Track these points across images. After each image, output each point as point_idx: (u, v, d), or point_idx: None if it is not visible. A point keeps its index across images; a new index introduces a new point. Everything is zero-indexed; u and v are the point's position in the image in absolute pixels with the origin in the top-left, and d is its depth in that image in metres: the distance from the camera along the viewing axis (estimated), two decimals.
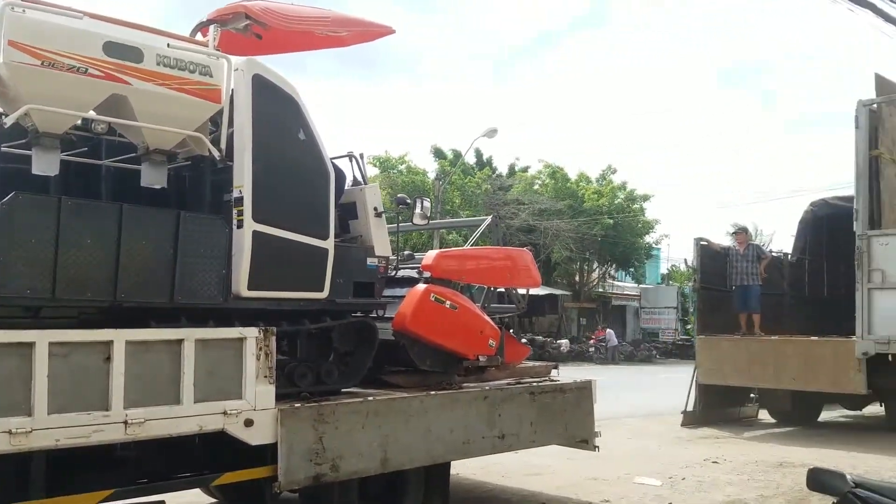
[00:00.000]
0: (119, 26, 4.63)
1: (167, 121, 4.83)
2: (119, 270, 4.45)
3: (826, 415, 13.58)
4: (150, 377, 4.40)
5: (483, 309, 6.78)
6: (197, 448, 4.99)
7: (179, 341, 4.52)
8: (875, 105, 8.80)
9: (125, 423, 4.23)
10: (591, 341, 33.36)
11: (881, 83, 9.11)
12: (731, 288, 12.76)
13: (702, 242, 13.16)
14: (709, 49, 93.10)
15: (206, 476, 4.90)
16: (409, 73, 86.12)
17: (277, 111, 5.33)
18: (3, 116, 4.48)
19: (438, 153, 37.85)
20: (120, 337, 4.25)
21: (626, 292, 45.30)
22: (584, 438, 7.25)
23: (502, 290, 7.42)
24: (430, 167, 37.04)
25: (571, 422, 7.10)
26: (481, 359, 6.58)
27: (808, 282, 15.06)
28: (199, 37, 5.67)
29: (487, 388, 6.51)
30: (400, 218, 6.62)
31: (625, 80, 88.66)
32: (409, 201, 6.49)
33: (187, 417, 4.52)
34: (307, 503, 5.36)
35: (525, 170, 39.24)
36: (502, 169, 39.15)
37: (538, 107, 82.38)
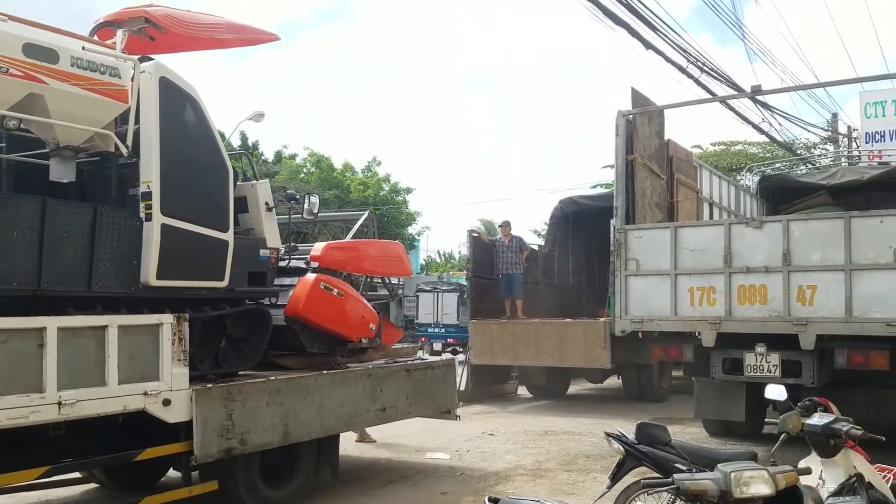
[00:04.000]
0: (35, 28, 4.83)
1: (78, 119, 5.07)
2: (43, 261, 4.68)
3: (573, 388, 15.31)
4: (79, 361, 4.68)
5: (363, 296, 7.42)
6: (103, 429, 5.26)
7: (104, 327, 4.82)
8: (631, 116, 10.21)
9: (59, 403, 4.51)
10: None
11: (636, 96, 10.55)
12: (497, 276, 14.02)
13: (473, 234, 14.35)
14: (458, 52, 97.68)
15: (129, 452, 5.18)
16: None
17: (182, 111, 5.69)
18: None
19: None
20: (52, 324, 4.51)
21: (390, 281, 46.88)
22: (448, 409, 8.13)
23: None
24: None
25: (439, 395, 7.94)
26: (363, 341, 7.20)
27: (556, 270, 16.62)
28: (96, 37, 5.87)
29: (371, 366, 7.17)
30: (291, 212, 7.12)
31: (380, 75, 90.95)
32: (297, 197, 7.00)
33: (113, 398, 4.84)
34: (215, 479, 5.73)
35: (293, 157, 38.16)
36: (268, 155, 37.45)
37: (300, 93, 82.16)
